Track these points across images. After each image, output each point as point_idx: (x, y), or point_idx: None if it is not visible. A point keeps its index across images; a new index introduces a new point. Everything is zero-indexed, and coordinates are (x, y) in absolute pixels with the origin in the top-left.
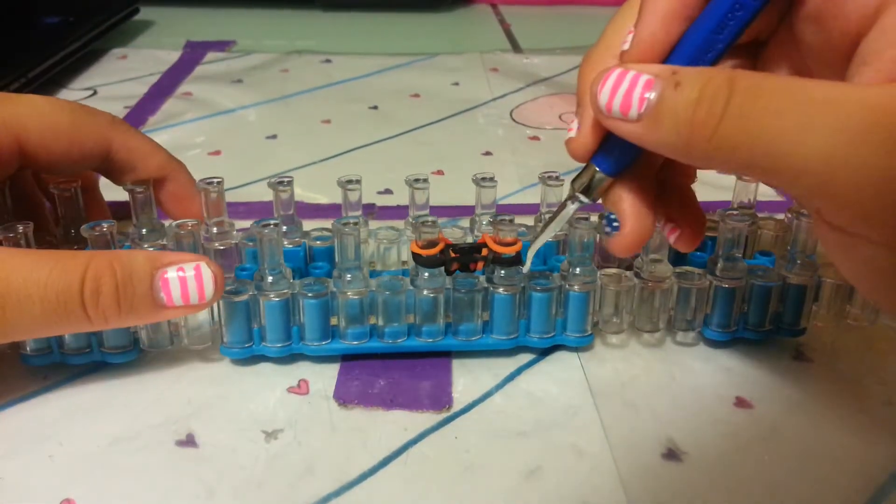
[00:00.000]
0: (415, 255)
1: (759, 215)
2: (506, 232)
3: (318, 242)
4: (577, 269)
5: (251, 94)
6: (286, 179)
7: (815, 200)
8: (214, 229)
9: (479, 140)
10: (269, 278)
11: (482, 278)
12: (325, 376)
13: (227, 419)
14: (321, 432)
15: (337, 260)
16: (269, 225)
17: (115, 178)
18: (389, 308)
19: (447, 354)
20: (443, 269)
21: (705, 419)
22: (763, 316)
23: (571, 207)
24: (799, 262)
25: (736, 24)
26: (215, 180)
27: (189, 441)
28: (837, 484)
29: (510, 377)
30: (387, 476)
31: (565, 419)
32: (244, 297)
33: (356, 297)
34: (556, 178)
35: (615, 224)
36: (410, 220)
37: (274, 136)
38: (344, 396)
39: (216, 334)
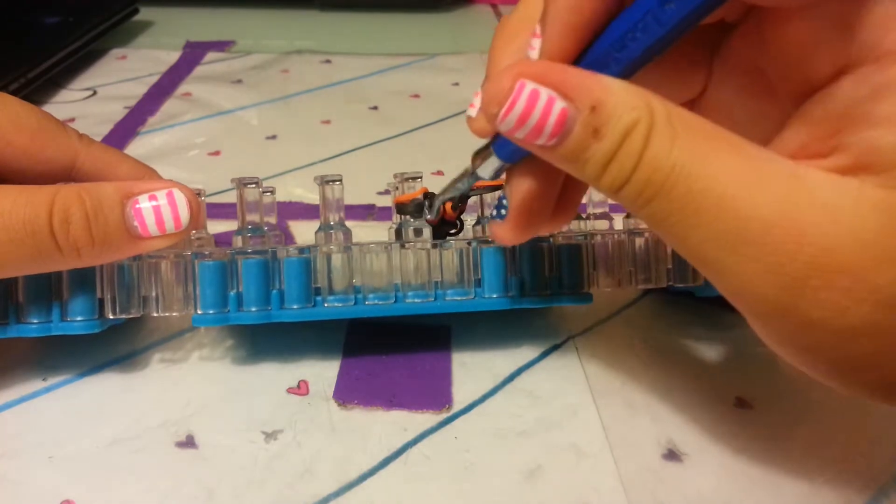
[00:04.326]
0: (398, 206)
1: None
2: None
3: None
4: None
5: (251, 95)
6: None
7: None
8: (195, 240)
9: (479, 140)
10: (248, 235)
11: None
12: (324, 376)
13: (226, 420)
14: (321, 433)
15: (321, 220)
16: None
17: None
18: (374, 268)
19: (447, 354)
20: (429, 223)
21: (705, 419)
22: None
23: (471, 180)
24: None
25: (637, 46)
26: (196, 189)
27: (188, 442)
28: (837, 484)
29: (510, 377)
30: (387, 476)
31: (565, 419)
32: (219, 258)
33: (339, 252)
34: None
35: (503, 211)
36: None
37: (274, 137)
38: (343, 397)
39: (189, 302)
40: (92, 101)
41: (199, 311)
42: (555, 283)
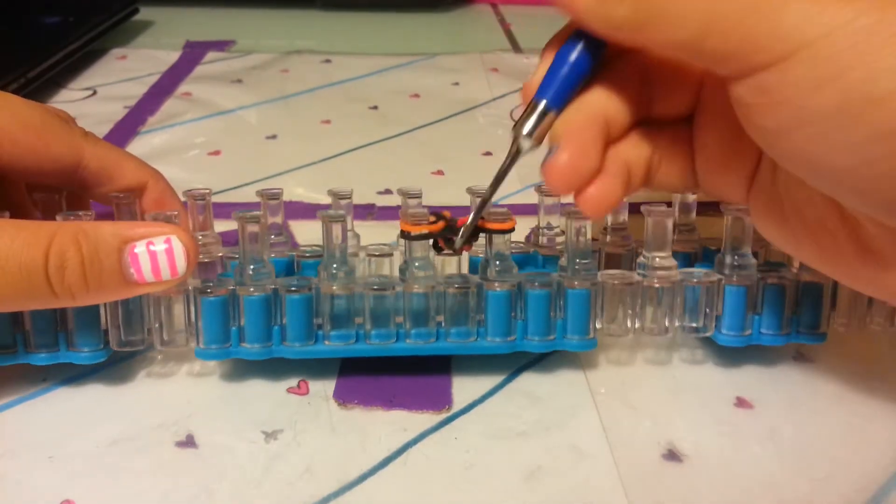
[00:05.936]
0: (403, 233)
1: None
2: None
3: (307, 256)
4: (577, 265)
5: (251, 95)
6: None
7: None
8: (200, 240)
9: (479, 140)
10: (250, 272)
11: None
12: (324, 377)
13: (226, 420)
14: (321, 433)
15: (323, 254)
16: (253, 213)
17: (91, 190)
18: (377, 308)
19: (447, 355)
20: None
21: (705, 419)
22: (779, 319)
23: (518, 157)
24: None
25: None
26: (203, 191)
27: (189, 442)
28: (837, 484)
29: (510, 377)
30: (386, 476)
31: (565, 419)
32: (221, 293)
33: (342, 292)
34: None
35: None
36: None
37: (274, 137)
38: (343, 397)
39: (192, 335)
40: (92, 101)
41: (202, 346)
42: (559, 327)
